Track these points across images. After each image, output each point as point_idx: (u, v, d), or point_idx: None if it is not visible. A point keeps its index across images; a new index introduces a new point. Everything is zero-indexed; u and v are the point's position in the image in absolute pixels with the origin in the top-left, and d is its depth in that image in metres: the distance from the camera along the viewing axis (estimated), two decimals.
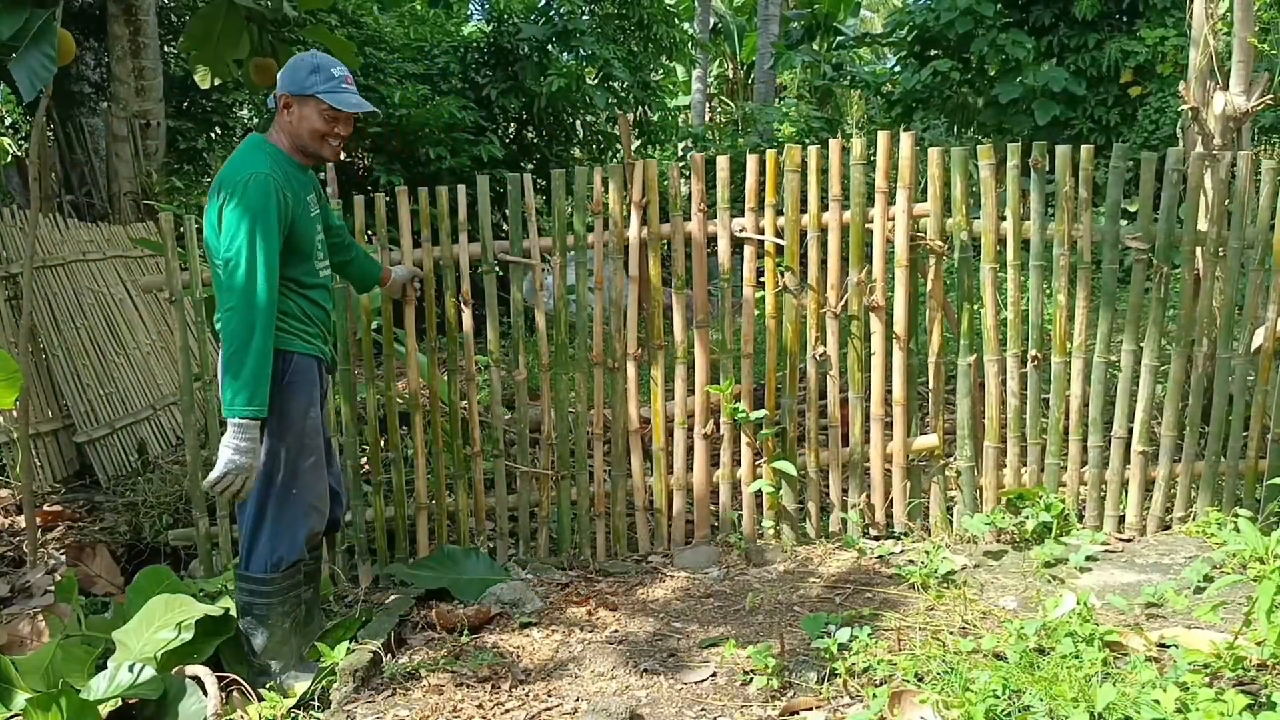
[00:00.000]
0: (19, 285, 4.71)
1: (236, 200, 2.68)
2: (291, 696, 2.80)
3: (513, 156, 9.99)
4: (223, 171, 2.79)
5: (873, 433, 3.84)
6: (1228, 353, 3.71)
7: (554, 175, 3.86)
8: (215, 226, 2.73)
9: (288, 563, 2.85)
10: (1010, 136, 9.62)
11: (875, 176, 3.73)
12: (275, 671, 2.87)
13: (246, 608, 2.89)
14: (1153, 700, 2.22)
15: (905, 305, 3.74)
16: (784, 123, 12.10)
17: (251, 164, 2.75)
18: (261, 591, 2.86)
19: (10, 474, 4.75)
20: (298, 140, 2.88)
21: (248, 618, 2.89)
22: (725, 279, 3.94)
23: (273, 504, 2.84)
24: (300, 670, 2.89)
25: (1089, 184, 3.65)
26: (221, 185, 2.74)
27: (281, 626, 2.88)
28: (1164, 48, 9.29)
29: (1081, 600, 2.85)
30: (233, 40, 4.22)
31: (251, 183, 2.69)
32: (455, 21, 11.87)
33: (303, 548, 2.89)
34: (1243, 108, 4.09)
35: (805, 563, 3.68)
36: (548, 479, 3.95)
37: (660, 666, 2.88)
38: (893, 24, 11.87)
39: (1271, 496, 3.65)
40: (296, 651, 2.93)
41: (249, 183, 2.69)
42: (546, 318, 4.06)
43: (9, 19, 3.38)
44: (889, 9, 20.15)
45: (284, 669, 2.87)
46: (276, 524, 2.84)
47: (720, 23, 19.82)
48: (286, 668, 2.88)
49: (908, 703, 2.41)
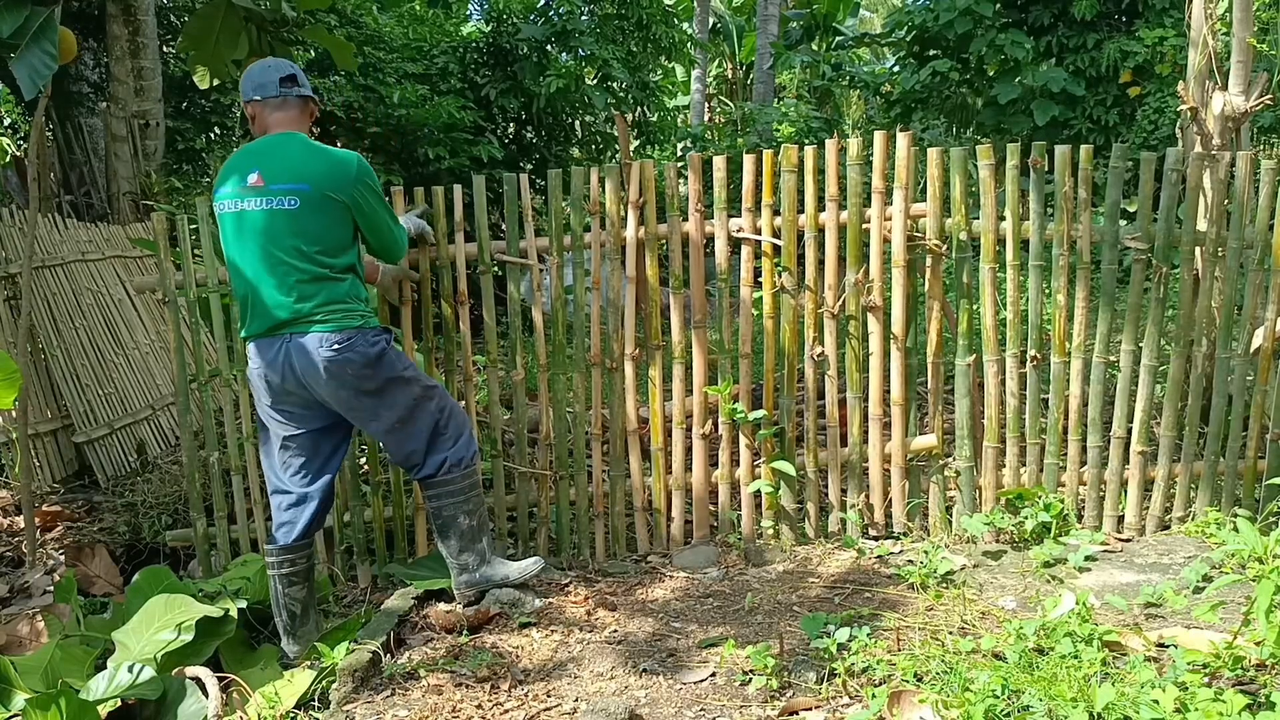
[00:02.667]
0: (18, 285, 4.71)
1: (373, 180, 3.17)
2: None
3: (512, 157, 10.00)
4: (351, 158, 3.14)
5: (871, 433, 3.84)
6: (1227, 353, 3.71)
7: (551, 175, 3.86)
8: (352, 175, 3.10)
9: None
10: (1009, 136, 9.63)
11: (872, 176, 3.73)
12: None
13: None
14: (1152, 700, 2.22)
15: (903, 305, 3.74)
16: (783, 123, 12.10)
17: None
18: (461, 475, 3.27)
19: (9, 474, 4.75)
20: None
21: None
22: (723, 279, 3.94)
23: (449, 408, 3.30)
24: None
25: (1088, 184, 3.65)
26: (362, 166, 3.14)
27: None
28: (1163, 48, 9.29)
29: (1080, 600, 2.85)
30: (231, 40, 4.22)
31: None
32: (454, 21, 11.87)
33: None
34: (1241, 108, 4.10)
35: (804, 563, 3.67)
36: (546, 479, 3.95)
37: (659, 667, 2.88)
38: (892, 24, 11.87)
39: (1270, 496, 3.65)
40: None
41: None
42: (544, 318, 4.06)
43: (9, 17, 3.37)
44: (888, 9, 20.16)
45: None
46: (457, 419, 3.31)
47: (719, 23, 19.82)
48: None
49: (907, 703, 2.41)
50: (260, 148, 3.09)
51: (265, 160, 3.03)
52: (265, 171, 3.00)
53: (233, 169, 3.07)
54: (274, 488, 3.21)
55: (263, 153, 3.06)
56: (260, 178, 2.99)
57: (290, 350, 3.00)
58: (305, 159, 3.03)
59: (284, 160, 3.02)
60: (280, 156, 3.03)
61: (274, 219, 2.98)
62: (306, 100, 3.19)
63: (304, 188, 2.98)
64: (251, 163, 3.04)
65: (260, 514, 3.96)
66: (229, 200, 3.04)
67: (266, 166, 3.01)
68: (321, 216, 3.01)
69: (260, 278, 3.01)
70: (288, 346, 3.00)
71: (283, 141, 3.08)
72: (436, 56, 9.89)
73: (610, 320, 3.87)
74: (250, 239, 3.01)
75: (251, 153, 3.09)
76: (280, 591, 3.19)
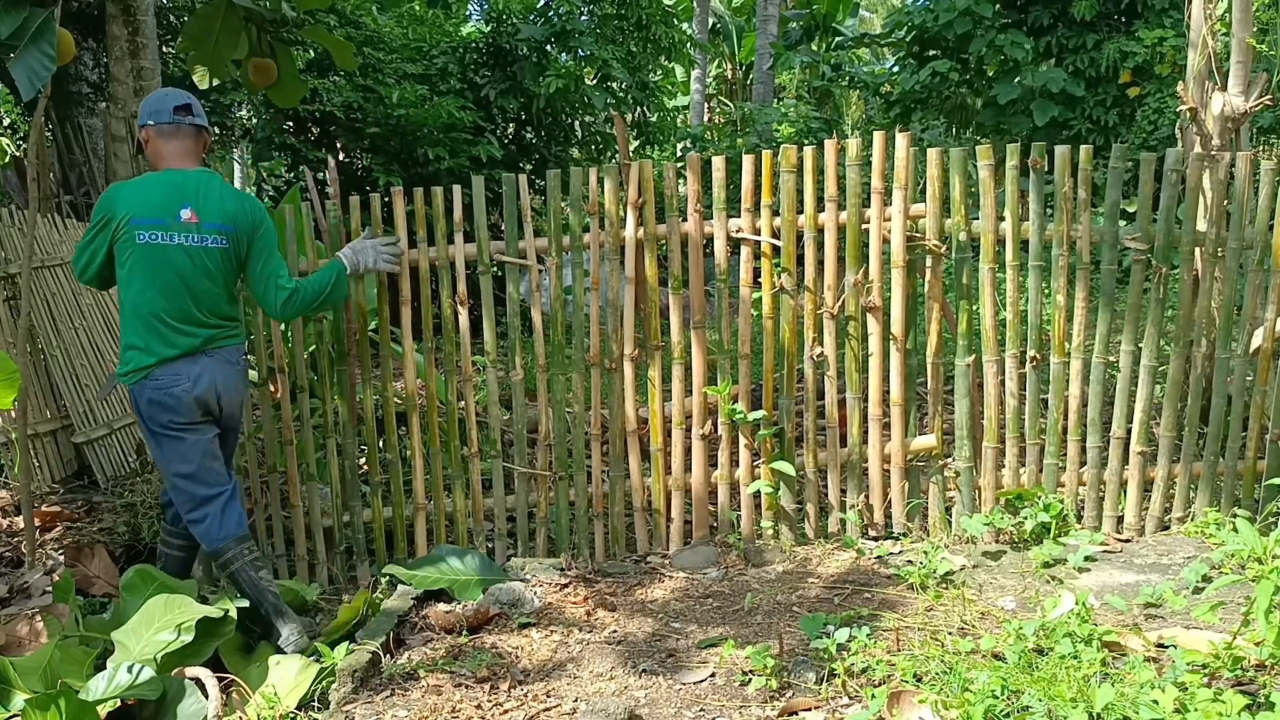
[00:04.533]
0: (17, 285, 4.70)
1: (270, 220, 3.43)
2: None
3: (511, 157, 9.99)
4: (248, 196, 3.43)
5: (871, 433, 3.84)
6: (1226, 353, 3.71)
7: (550, 176, 3.86)
8: (256, 219, 3.36)
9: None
10: (1009, 137, 9.63)
11: (871, 177, 3.73)
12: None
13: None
14: (1151, 700, 2.22)
15: (902, 306, 3.74)
16: (783, 123, 12.11)
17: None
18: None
19: (9, 474, 4.75)
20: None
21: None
22: (722, 280, 3.94)
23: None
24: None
25: (1088, 184, 3.65)
26: (247, 195, 3.42)
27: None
28: (1162, 48, 9.30)
29: (1080, 600, 2.85)
30: (231, 40, 4.22)
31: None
32: (454, 22, 11.87)
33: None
34: (1241, 108, 4.10)
35: (804, 563, 3.67)
36: (546, 479, 3.94)
37: (659, 667, 2.88)
38: (891, 24, 11.87)
39: (1270, 497, 3.65)
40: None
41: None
42: (543, 318, 4.06)
43: (8, 18, 3.37)
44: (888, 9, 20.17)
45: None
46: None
47: (719, 23, 19.83)
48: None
49: (906, 703, 2.41)
50: (184, 182, 3.25)
51: (195, 197, 3.23)
52: (199, 209, 3.22)
53: (154, 199, 3.21)
54: (204, 496, 3.29)
55: (189, 188, 3.24)
56: (194, 215, 3.21)
57: (213, 364, 3.27)
58: (231, 200, 3.30)
59: (214, 200, 3.25)
60: (209, 195, 3.25)
61: (207, 256, 3.24)
62: (200, 130, 3.34)
63: (230, 228, 3.26)
64: (179, 197, 3.22)
65: (260, 513, 3.96)
66: (155, 231, 3.19)
67: (198, 204, 3.22)
68: (238, 255, 3.32)
69: (180, 306, 3.22)
70: (209, 361, 3.26)
71: (207, 180, 3.29)
72: (436, 57, 9.89)
73: (609, 320, 3.87)
74: (175, 271, 3.20)
75: (175, 185, 3.24)
76: (254, 579, 3.26)
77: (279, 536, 3.97)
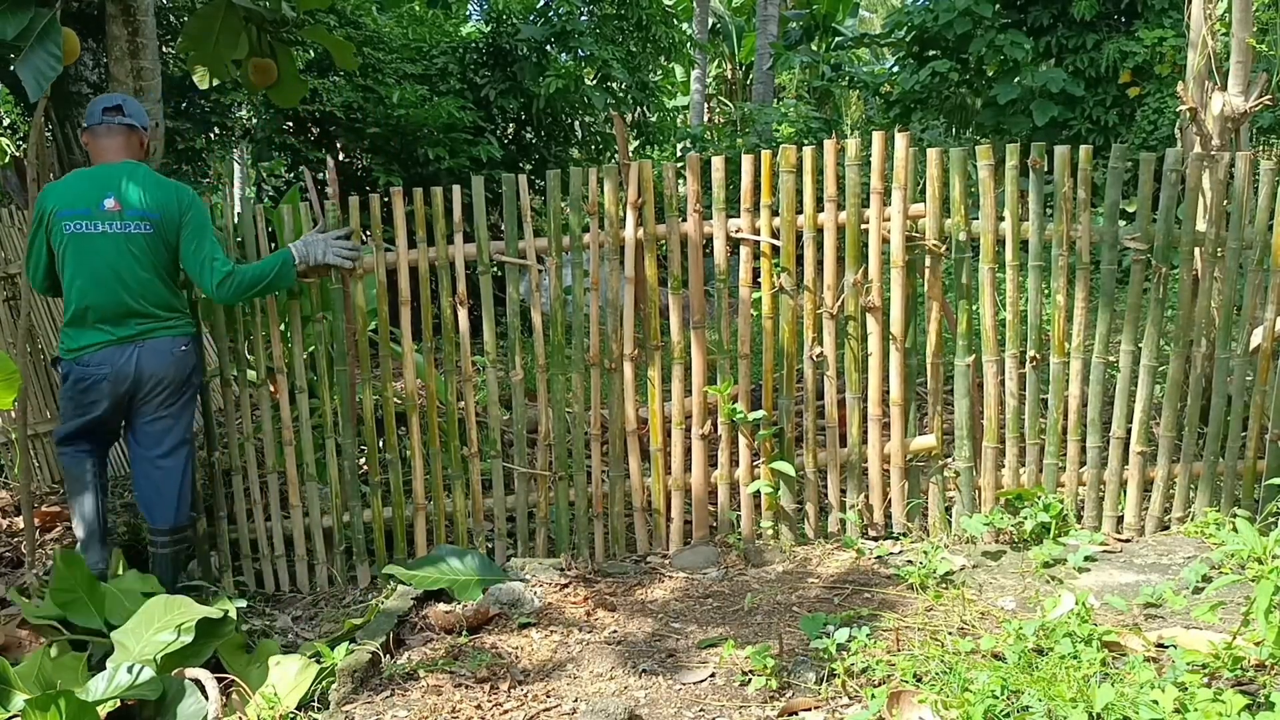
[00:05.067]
0: (17, 286, 4.70)
1: (201, 201, 3.52)
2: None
3: (511, 157, 9.99)
4: (163, 177, 3.50)
5: (870, 433, 3.84)
6: (1226, 353, 3.71)
7: (549, 176, 3.86)
8: (184, 206, 3.46)
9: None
10: (1009, 137, 9.63)
11: (870, 177, 3.73)
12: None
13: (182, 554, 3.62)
14: (1151, 700, 2.22)
15: (902, 306, 3.74)
16: (782, 123, 12.11)
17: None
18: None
19: (9, 474, 4.75)
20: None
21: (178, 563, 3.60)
22: (722, 280, 3.93)
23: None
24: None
25: (1087, 184, 3.65)
26: (176, 184, 3.50)
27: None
28: (1162, 48, 9.30)
29: (1080, 600, 2.85)
30: (231, 40, 4.22)
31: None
32: (454, 22, 11.86)
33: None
34: (1241, 108, 4.10)
35: (804, 563, 3.67)
36: (545, 479, 3.94)
37: (659, 667, 2.88)
38: (891, 24, 11.87)
39: (1270, 497, 3.65)
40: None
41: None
42: (543, 318, 4.06)
43: (13, 19, 3.39)
44: (887, 9, 20.17)
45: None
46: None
47: (719, 23, 19.83)
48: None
49: (906, 703, 2.41)
50: (106, 173, 3.40)
51: (117, 187, 3.36)
52: (121, 198, 3.35)
53: (78, 191, 3.37)
54: (68, 467, 3.52)
55: (112, 179, 3.38)
56: (117, 203, 3.34)
57: (143, 353, 3.39)
58: (155, 188, 3.41)
59: (136, 188, 3.37)
60: (132, 184, 3.38)
61: (130, 242, 3.35)
62: (131, 128, 3.48)
63: (154, 215, 3.37)
64: (102, 188, 3.36)
65: (260, 514, 3.96)
66: (80, 221, 3.33)
67: (121, 193, 3.35)
68: (166, 241, 3.42)
69: (111, 295, 3.34)
70: (140, 350, 3.39)
71: (131, 170, 3.42)
72: (436, 57, 9.89)
73: (609, 321, 3.87)
74: (102, 259, 3.33)
75: (98, 177, 3.39)
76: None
77: (278, 537, 3.97)
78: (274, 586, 3.99)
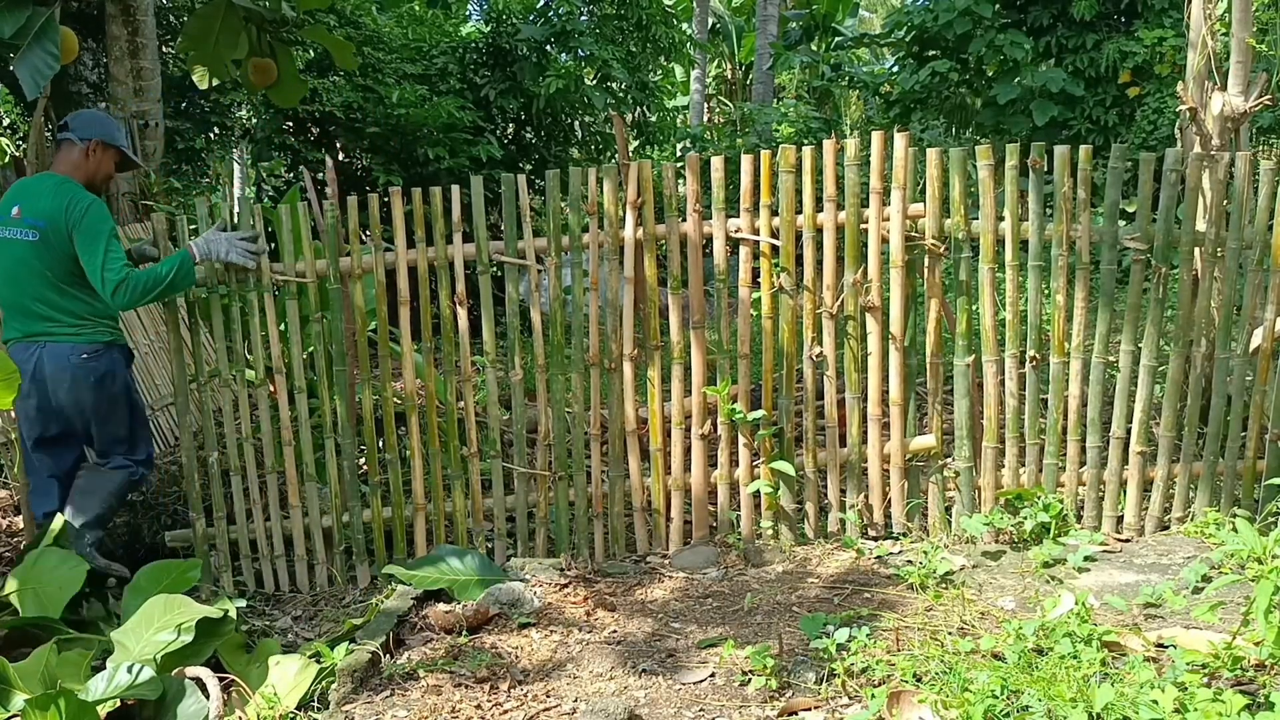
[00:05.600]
0: None
1: (97, 211, 3.51)
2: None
3: (511, 157, 9.99)
4: (70, 187, 3.53)
5: (870, 433, 3.84)
6: (1226, 353, 3.71)
7: (549, 176, 3.86)
8: (73, 216, 3.48)
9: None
10: (1008, 137, 9.63)
11: (870, 176, 3.73)
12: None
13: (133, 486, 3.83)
14: (1151, 700, 2.22)
15: (901, 306, 3.74)
16: (782, 123, 12.11)
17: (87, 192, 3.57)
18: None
19: (8, 474, 4.74)
20: (92, 178, 3.64)
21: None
22: (722, 280, 3.93)
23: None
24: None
25: (1087, 184, 3.65)
26: (76, 194, 3.51)
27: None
28: (1162, 48, 9.30)
29: (1080, 600, 2.85)
30: (231, 40, 4.22)
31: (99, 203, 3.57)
32: (454, 22, 11.87)
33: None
34: (1241, 108, 4.10)
35: (803, 563, 3.67)
36: (545, 479, 3.94)
37: (658, 667, 2.88)
38: (891, 24, 11.87)
39: (1270, 496, 3.65)
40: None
41: (96, 203, 3.54)
42: (543, 318, 4.06)
43: (11, 18, 3.39)
44: (887, 9, 20.17)
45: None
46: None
47: (719, 23, 19.83)
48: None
49: (906, 703, 2.41)
50: (30, 183, 3.63)
51: (25, 196, 3.54)
52: (24, 206, 3.50)
53: (7, 197, 3.59)
54: (29, 456, 3.67)
55: (29, 188, 3.58)
56: (19, 211, 3.50)
57: (45, 357, 3.50)
58: (50, 197, 3.50)
59: (37, 197, 3.51)
60: (35, 194, 3.53)
61: (23, 248, 3.48)
62: (72, 143, 3.60)
63: (41, 223, 3.47)
64: (18, 196, 3.55)
65: (260, 514, 3.96)
66: (1, 226, 3.54)
67: (25, 201, 3.52)
68: (55, 249, 3.48)
69: (16, 296, 3.52)
70: (43, 353, 3.51)
71: (41, 180, 3.59)
72: (436, 57, 9.89)
73: (609, 321, 3.87)
74: (11, 261, 3.51)
75: (22, 186, 3.62)
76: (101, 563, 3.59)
77: (278, 537, 3.97)
78: (274, 586, 3.99)
